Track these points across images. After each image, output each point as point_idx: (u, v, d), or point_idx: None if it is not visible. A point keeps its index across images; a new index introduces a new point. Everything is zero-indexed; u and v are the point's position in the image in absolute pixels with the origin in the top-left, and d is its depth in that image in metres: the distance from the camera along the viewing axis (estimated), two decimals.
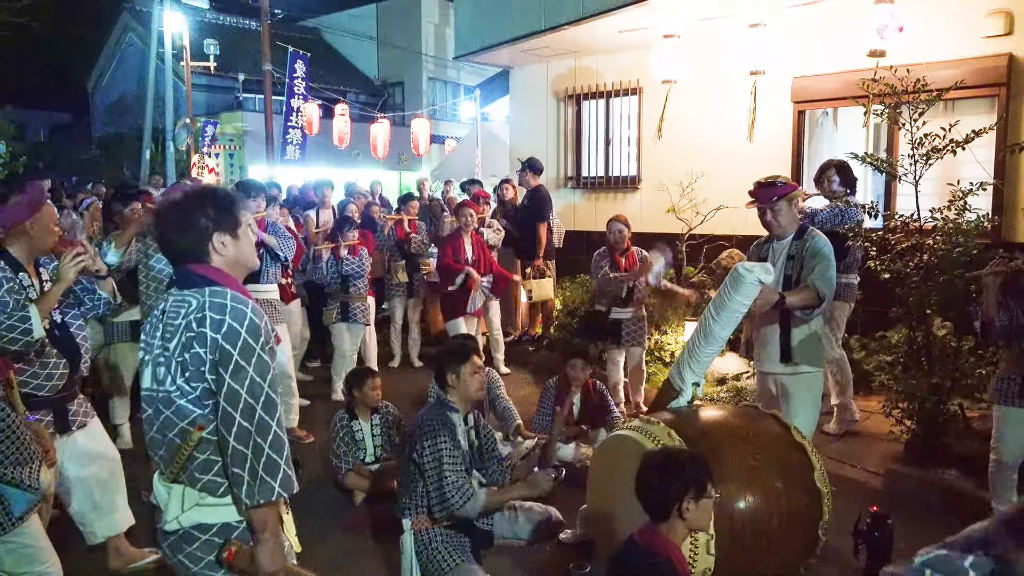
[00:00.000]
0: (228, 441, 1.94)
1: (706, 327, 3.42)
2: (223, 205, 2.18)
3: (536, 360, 7.99)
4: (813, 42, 7.46)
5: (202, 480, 2.03)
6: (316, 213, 8.70)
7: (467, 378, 3.40)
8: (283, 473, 1.98)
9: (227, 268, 2.15)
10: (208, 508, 2.04)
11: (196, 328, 1.96)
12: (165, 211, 2.18)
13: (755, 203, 4.04)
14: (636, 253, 6.11)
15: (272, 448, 1.97)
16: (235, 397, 1.94)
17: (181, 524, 2.05)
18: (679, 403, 3.48)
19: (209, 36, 21.20)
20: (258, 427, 1.95)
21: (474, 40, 9.69)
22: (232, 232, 2.16)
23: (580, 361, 5.16)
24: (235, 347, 1.95)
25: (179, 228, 2.12)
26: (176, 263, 2.16)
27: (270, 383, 2.00)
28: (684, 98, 8.41)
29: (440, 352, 3.58)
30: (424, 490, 3.30)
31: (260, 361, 1.98)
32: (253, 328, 1.99)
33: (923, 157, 4.75)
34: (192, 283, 2.08)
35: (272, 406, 1.99)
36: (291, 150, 14.44)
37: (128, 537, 3.91)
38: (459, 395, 3.43)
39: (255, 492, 1.95)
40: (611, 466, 3.30)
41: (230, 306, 1.99)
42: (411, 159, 19.91)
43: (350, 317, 6.91)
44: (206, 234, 2.12)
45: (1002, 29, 6.44)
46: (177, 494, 2.05)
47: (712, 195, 7.60)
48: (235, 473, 1.95)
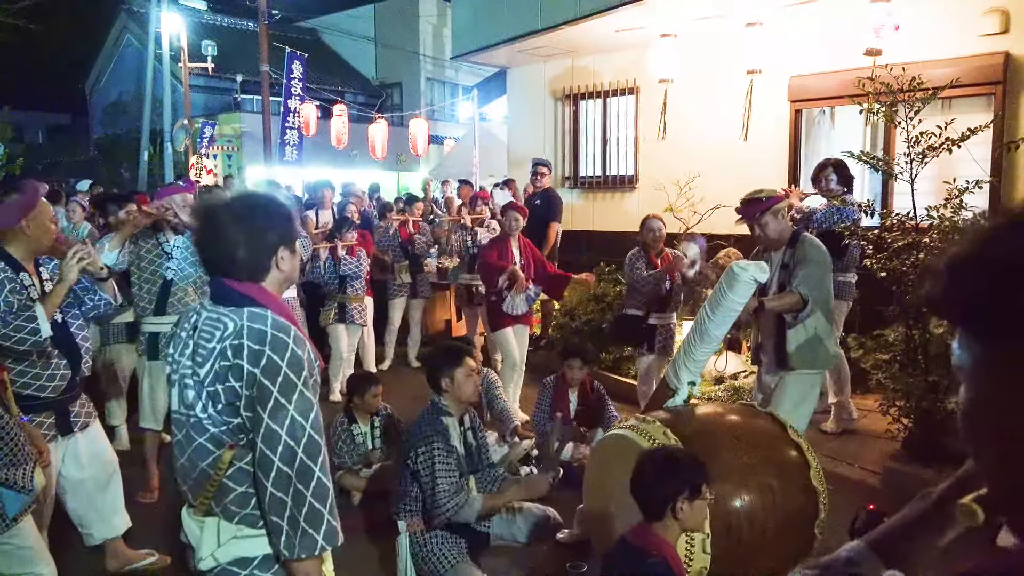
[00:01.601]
0: (266, 487, 1.76)
1: (702, 326, 3.43)
2: (287, 216, 2.00)
3: (535, 360, 7.96)
4: (810, 41, 7.46)
5: (239, 514, 1.86)
6: (316, 213, 8.71)
7: (461, 381, 3.36)
8: (327, 524, 1.80)
9: (276, 285, 1.97)
10: (248, 540, 1.86)
11: (232, 358, 1.78)
12: (224, 221, 1.91)
13: (742, 219, 4.09)
14: (670, 253, 5.80)
15: (315, 496, 1.78)
16: (274, 439, 1.76)
17: (218, 560, 1.85)
18: (675, 402, 3.48)
19: (207, 37, 21.18)
20: (299, 473, 1.76)
21: (471, 40, 9.69)
22: (292, 246, 1.99)
23: (578, 361, 5.15)
24: (275, 383, 1.76)
25: (244, 242, 1.89)
26: (216, 274, 1.95)
27: (313, 422, 1.81)
28: (681, 97, 8.40)
29: (433, 355, 3.52)
30: (419, 495, 3.29)
31: (302, 398, 1.79)
32: (295, 361, 1.80)
33: (919, 155, 4.75)
34: (230, 300, 1.88)
35: (316, 448, 1.80)
36: (289, 151, 14.44)
37: (125, 539, 3.91)
38: (453, 398, 3.39)
39: (295, 544, 1.76)
40: (607, 465, 3.29)
41: (270, 335, 1.79)
42: (410, 159, 19.91)
43: (347, 318, 6.92)
44: (273, 250, 1.94)
45: (998, 27, 6.44)
46: (211, 528, 1.87)
47: (709, 194, 7.58)
48: (273, 522, 1.77)
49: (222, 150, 19.70)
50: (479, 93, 14.84)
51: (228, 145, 20.00)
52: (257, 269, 1.93)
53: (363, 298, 7.05)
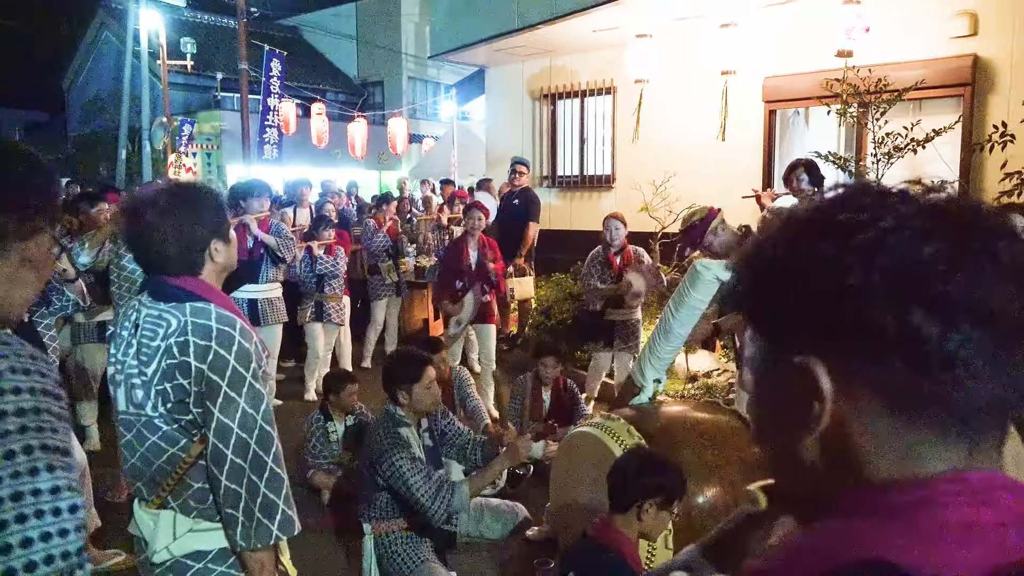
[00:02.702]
0: (220, 480, 1.76)
1: (666, 324, 3.46)
2: (216, 206, 1.97)
3: (511, 359, 8.00)
4: (783, 42, 7.54)
5: (197, 509, 1.85)
6: (294, 211, 8.69)
7: (419, 395, 3.28)
8: (282, 514, 1.81)
9: (214, 276, 1.95)
10: (204, 534, 1.86)
11: (178, 355, 1.76)
12: (150, 218, 1.86)
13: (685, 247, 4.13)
14: (632, 252, 5.89)
15: (269, 487, 1.79)
16: (226, 432, 1.75)
17: (172, 554, 1.84)
18: (641, 400, 3.51)
19: (186, 34, 21.04)
20: (253, 464, 1.77)
21: (449, 39, 9.70)
22: (226, 237, 1.96)
23: (551, 359, 5.18)
24: (223, 377, 1.76)
25: (173, 238, 1.86)
26: (152, 271, 1.92)
27: (264, 414, 1.81)
28: (657, 97, 8.46)
29: (389, 367, 3.41)
30: (388, 502, 3.27)
31: (252, 390, 1.79)
32: (243, 353, 1.79)
33: (885, 156, 4.82)
34: (170, 296, 1.85)
35: (268, 439, 1.80)
36: (268, 149, 14.38)
37: (92, 539, 3.90)
38: (411, 410, 3.33)
39: (251, 535, 1.77)
40: (573, 462, 3.33)
41: (216, 329, 1.78)
42: (391, 158, 19.88)
43: (324, 317, 6.91)
44: (204, 243, 1.91)
45: (967, 30, 6.53)
46: (167, 521, 1.85)
47: (685, 194, 7.63)
48: (228, 514, 1.78)
49: (201, 148, 19.57)
50: (458, 92, 14.85)
51: (208, 143, 19.88)
52: (192, 263, 1.90)
53: (341, 297, 7.04)
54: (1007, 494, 0.60)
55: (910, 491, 0.59)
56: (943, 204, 0.63)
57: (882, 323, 0.58)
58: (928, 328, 0.57)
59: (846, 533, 0.60)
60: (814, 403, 0.62)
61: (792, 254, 0.64)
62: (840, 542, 0.59)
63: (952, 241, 0.59)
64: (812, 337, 0.62)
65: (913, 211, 0.61)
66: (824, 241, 0.62)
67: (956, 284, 0.58)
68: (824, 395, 0.62)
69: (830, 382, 0.62)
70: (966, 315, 0.58)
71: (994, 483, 0.60)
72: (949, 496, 0.58)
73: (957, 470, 0.60)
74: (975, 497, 0.59)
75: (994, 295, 0.58)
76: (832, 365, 0.62)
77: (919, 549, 0.56)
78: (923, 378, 0.59)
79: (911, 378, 0.59)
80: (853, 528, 0.59)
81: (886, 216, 0.60)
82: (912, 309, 0.57)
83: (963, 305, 0.58)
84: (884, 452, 0.61)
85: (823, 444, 0.64)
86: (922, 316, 0.57)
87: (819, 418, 0.62)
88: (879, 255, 0.59)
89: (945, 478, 0.60)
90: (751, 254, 0.68)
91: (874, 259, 0.59)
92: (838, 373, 0.62)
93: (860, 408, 0.61)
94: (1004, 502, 0.59)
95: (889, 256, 0.59)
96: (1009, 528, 0.57)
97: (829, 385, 0.62)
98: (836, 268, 0.60)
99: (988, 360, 0.58)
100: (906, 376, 0.59)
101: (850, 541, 0.59)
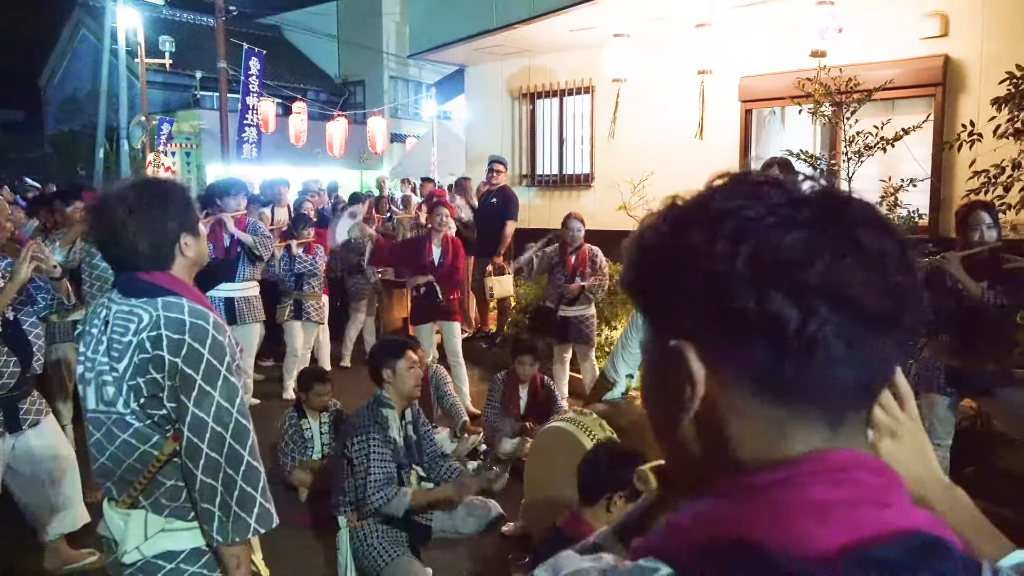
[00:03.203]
0: (195, 475, 1.74)
1: (638, 320, 3.49)
2: (184, 201, 1.95)
3: (490, 357, 8.02)
4: (758, 42, 7.61)
5: (169, 507, 1.83)
6: (271, 211, 8.66)
7: (403, 373, 3.40)
8: (259, 507, 1.80)
9: (185, 270, 1.93)
10: (175, 534, 1.84)
11: (151, 350, 1.74)
12: (118, 214, 1.84)
13: None
14: (587, 251, 6.06)
15: (246, 480, 1.78)
16: (201, 426, 1.74)
17: (143, 554, 1.82)
18: (613, 395, 3.55)
19: (165, 32, 20.85)
20: (228, 458, 1.76)
21: (428, 38, 9.71)
22: (195, 230, 1.95)
23: (528, 357, 5.21)
24: (198, 371, 1.75)
25: (142, 233, 1.84)
26: (122, 268, 1.90)
27: (239, 407, 1.80)
28: (635, 97, 8.51)
29: (375, 349, 3.60)
30: (351, 486, 3.32)
31: (227, 384, 1.78)
32: (217, 347, 1.78)
33: (855, 154, 4.88)
34: (140, 291, 1.84)
35: (244, 432, 1.80)
36: (247, 148, 14.30)
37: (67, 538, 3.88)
38: (395, 391, 3.43)
39: (228, 529, 1.76)
40: (546, 457, 3.35)
41: (189, 323, 1.77)
42: (371, 157, 19.84)
43: (303, 315, 6.89)
44: (174, 237, 1.90)
45: (938, 31, 6.63)
46: (138, 521, 1.83)
47: (663, 192, 7.36)
48: (204, 509, 1.76)
49: (180, 147, 19.43)
50: (438, 91, 14.84)
51: (186, 142, 19.74)
52: (162, 258, 1.89)
53: (320, 296, 7.03)
54: (865, 473, 0.62)
55: (773, 471, 0.61)
56: (810, 194, 0.64)
57: (745, 308, 0.60)
58: (788, 312, 0.59)
59: (713, 513, 0.62)
60: (686, 386, 0.64)
61: (667, 240, 0.66)
62: (707, 521, 0.61)
63: (814, 229, 0.61)
64: (685, 321, 0.64)
65: (781, 200, 0.63)
66: (696, 228, 0.63)
67: (815, 271, 0.59)
68: (695, 378, 0.63)
69: (701, 366, 0.63)
70: (825, 300, 0.59)
71: (853, 462, 0.62)
72: (808, 476, 0.60)
73: (819, 450, 0.62)
74: (833, 476, 0.60)
75: (852, 281, 0.60)
76: (703, 349, 0.63)
77: (776, 526, 0.58)
78: (785, 361, 0.60)
79: (774, 361, 0.60)
80: (719, 508, 0.62)
81: (755, 205, 0.62)
82: (773, 294, 0.59)
83: (822, 290, 0.59)
84: (752, 434, 0.63)
85: (698, 426, 0.65)
86: (782, 301, 0.59)
87: (691, 400, 0.64)
88: (744, 242, 0.60)
89: (806, 458, 0.62)
90: (634, 239, 0.70)
91: (739, 246, 0.60)
92: (708, 357, 0.63)
93: (729, 391, 0.63)
94: (862, 480, 0.61)
95: (753, 243, 0.60)
96: (864, 506, 0.59)
97: (699, 368, 0.63)
98: (705, 254, 0.62)
99: (848, 344, 0.60)
100: (769, 359, 0.60)
101: (711, 519, 0.61)
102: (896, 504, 0.61)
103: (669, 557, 0.61)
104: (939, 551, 0.59)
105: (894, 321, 0.62)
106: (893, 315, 0.62)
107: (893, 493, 0.62)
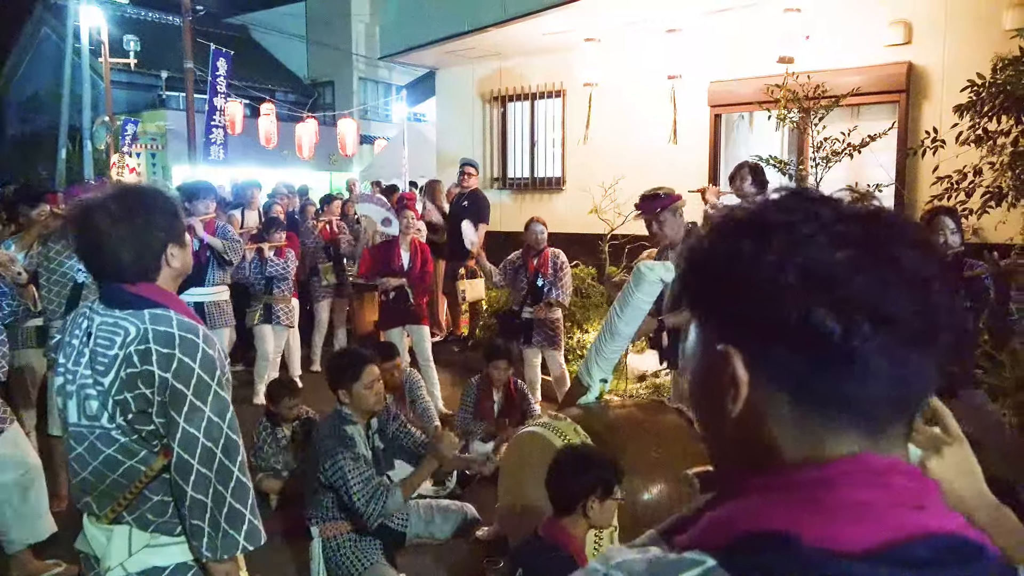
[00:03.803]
0: (185, 491, 1.72)
1: (611, 325, 3.52)
2: (171, 211, 1.91)
3: (461, 360, 8.02)
4: (727, 48, 7.69)
5: (155, 523, 1.80)
6: (242, 214, 8.58)
7: (360, 394, 3.33)
8: (248, 524, 1.79)
9: (170, 281, 1.89)
10: (161, 548, 1.81)
11: (139, 364, 1.71)
12: (102, 224, 1.78)
13: (640, 215, 4.20)
14: (550, 253, 6.13)
15: (235, 496, 1.76)
16: (191, 442, 1.72)
17: (127, 570, 1.79)
18: (587, 399, 3.57)
19: (129, 32, 20.55)
20: (218, 474, 1.74)
21: (399, 40, 9.67)
22: (181, 241, 1.90)
23: (503, 362, 5.22)
24: (188, 386, 1.72)
25: (127, 244, 1.79)
26: (106, 279, 1.84)
27: (229, 422, 1.79)
28: (606, 101, 8.56)
29: (331, 365, 3.47)
30: (334, 503, 3.29)
31: (217, 398, 1.76)
32: (207, 361, 1.75)
33: (823, 160, 4.96)
34: (125, 303, 1.79)
35: (234, 448, 1.78)
36: (215, 150, 14.12)
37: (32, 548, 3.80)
38: (355, 408, 3.37)
39: (217, 546, 1.75)
40: (521, 462, 3.36)
41: (179, 337, 1.73)
42: (341, 160, 19.70)
43: (273, 319, 6.83)
44: (160, 248, 1.85)
45: (902, 39, 6.76)
46: (121, 536, 1.80)
47: (633, 196, 7.60)
48: (194, 525, 1.74)
49: (146, 148, 19.11)
50: (409, 94, 14.80)
51: (152, 143, 19.42)
52: (147, 269, 1.84)
53: (290, 299, 6.98)
54: (901, 477, 0.65)
55: (812, 471, 0.65)
56: (862, 213, 0.68)
57: (791, 318, 0.63)
58: (831, 326, 0.62)
59: (750, 507, 0.65)
60: (731, 388, 0.68)
61: (723, 249, 0.69)
62: (744, 514, 0.65)
63: (861, 248, 0.64)
64: (734, 328, 0.68)
65: (833, 218, 0.66)
66: (749, 239, 0.67)
67: (859, 288, 0.63)
68: (740, 381, 0.67)
69: (745, 370, 0.67)
70: (867, 316, 0.63)
71: (890, 467, 0.65)
72: (847, 477, 0.63)
73: (857, 454, 0.65)
74: (871, 478, 0.64)
75: (894, 300, 0.63)
76: (749, 355, 0.67)
77: (813, 522, 0.61)
78: (826, 373, 0.64)
79: (815, 372, 0.64)
80: (757, 503, 0.65)
81: (808, 221, 0.66)
82: (818, 307, 0.63)
83: (865, 307, 0.63)
84: (792, 438, 0.67)
85: (740, 427, 0.69)
86: (826, 314, 0.62)
87: (735, 403, 0.68)
88: (794, 256, 0.64)
89: (845, 460, 0.65)
90: (692, 246, 0.74)
91: (789, 259, 0.64)
92: (754, 362, 0.67)
93: (771, 396, 0.67)
94: (897, 484, 0.64)
95: (803, 257, 0.64)
96: (899, 508, 0.62)
97: (744, 373, 0.67)
98: (756, 264, 0.65)
99: (888, 359, 0.63)
100: (811, 370, 0.64)
101: (753, 513, 0.64)
102: (931, 507, 0.64)
103: (713, 550, 0.63)
104: (972, 553, 0.62)
105: (932, 339, 0.65)
106: (932, 333, 0.65)
107: (928, 497, 0.64)
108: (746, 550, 0.61)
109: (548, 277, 6.10)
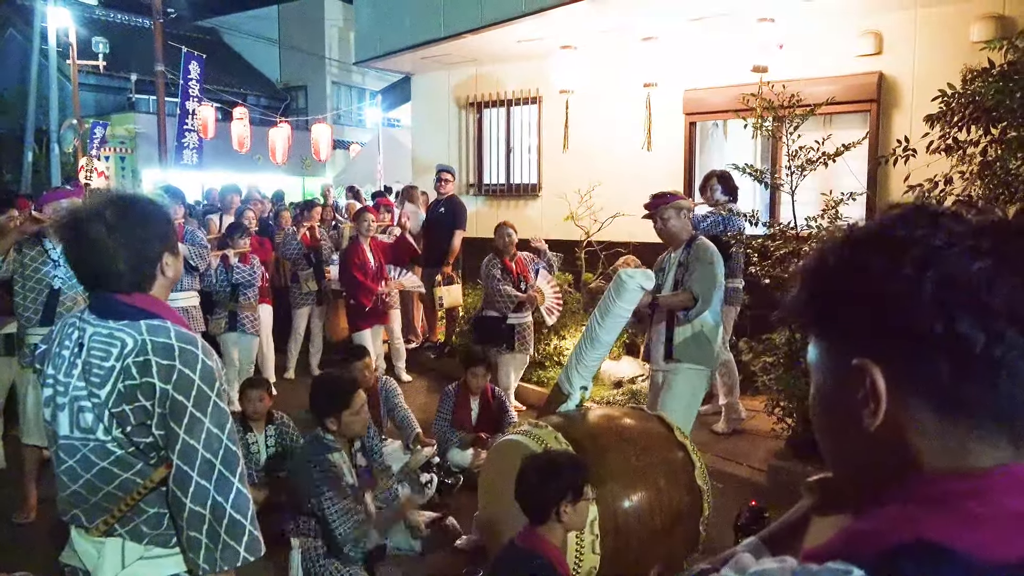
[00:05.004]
0: (184, 503, 1.70)
1: (592, 332, 3.53)
2: (165, 219, 1.88)
3: (437, 367, 7.99)
4: (702, 56, 7.75)
5: (150, 535, 1.78)
6: (220, 219, 8.49)
7: (348, 422, 3.35)
8: (248, 535, 1.77)
9: (164, 291, 1.86)
10: (156, 560, 1.78)
11: (139, 377, 1.68)
12: (96, 234, 1.74)
13: (649, 214, 4.28)
14: (523, 258, 6.22)
15: (235, 508, 1.74)
16: (191, 454, 1.70)
17: None
18: (568, 407, 3.56)
19: (98, 33, 20.23)
20: (218, 485, 1.72)
21: (375, 45, 9.62)
22: (176, 249, 1.88)
23: (481, 368, 5.21)
24: (189, 398, 1.70)
25: (123, 254, 1.75)
26: (99, 289, 1.81)
27: (229, 433, 1.76)
28: (582, 108, 8.58)
29: (317, 394, 3.45)
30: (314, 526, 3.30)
31: (217, 410, 1.74)
32: (207, 373, 1.74)
33: (798, 168, 5.01)
34: (120, 314, 1.76)
35: (233, 459, 1.76)
36: (188, 155, 13.97)
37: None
38: (341, 435, 3.38)
39: (216, 558, 1.72)
40: (500, 470, 3.34)
41: (178, 348, 1.71)
42: (314, 164, 19.58)
43: (238, 327, 6.71)
44: (156, 258, 1.82)
45: (873, 49, 6.86)
46: (114, 549, 1.76)
47: (609, 203, 7.78)
48: (192, 537, 1.72)
49: (115, 152, 18.85)
50: (384, 99, 14.73)
51: (121, 147, 19.16)
52: (143, 279, 1.81)
53: (256, 307, 6.85)
54: None
55: (962, 481, 0.65)
56: (989, 224, 0.69)
57: (933, 330, 0.65)
58: (975, 335, 0.64)
59: (899, 518, 0.65)
60: (870, 402, 0.69)
61: (853, 266, 0.71)
62: (893, 525, 0.65)
63: (996, 258, 0.66)
64: (869, 342, 0.69)
65: (963, 231, 0.68)
66: (883, 255, 0.68)
67: (1001, 297, 0.64)
68: (879, 395, 0.68)
69: (884, 383, 0.68)
70: (1011, 324, 0.64)
71: None
72: (1000, 487, 0.64)
73: (1007, 464, 0.66)
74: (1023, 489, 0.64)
75: None
76: (886, 368, 0.68)
77: (968, 533, 0.61)
78: (969, 381, 0.65)
79: (958, 381, 0.65)
80: (906, 513, 0.65)
81: (939, 234, 0.67)
82: (960, 317, 0.64)
83: (1007, 315, 0.64)
84: (934, 448, 0.68)
85: (877, 439, 0.70)
86: (969, 324, 0.64)
87: (874, 416, 0.69)
88: (931, 269, 0.66)
89: (996, 470, 0.66)
90: (814, 264, 0.75)
91: (927, 272, 0.65)
92: (892, 375, 0.68)
93: (912, 408, 0.68)
94: None
95: (940, 270, 0.65)
96: None
97: (883, 386, 0.68)
98: (892, 279, 0.67)
99: None
100: (954, 379, 0.65)
101: (903, 524, 0.64)
102: None
103: (858, 560, 0.63)
104: None
105: None
106: None
107: None
108: (899, 561, 0.61)
109: (529, 280, 6.30)
